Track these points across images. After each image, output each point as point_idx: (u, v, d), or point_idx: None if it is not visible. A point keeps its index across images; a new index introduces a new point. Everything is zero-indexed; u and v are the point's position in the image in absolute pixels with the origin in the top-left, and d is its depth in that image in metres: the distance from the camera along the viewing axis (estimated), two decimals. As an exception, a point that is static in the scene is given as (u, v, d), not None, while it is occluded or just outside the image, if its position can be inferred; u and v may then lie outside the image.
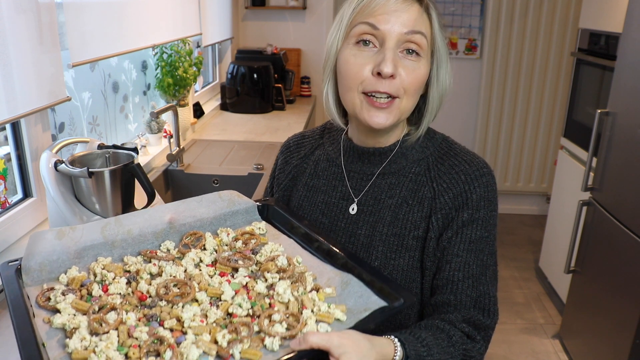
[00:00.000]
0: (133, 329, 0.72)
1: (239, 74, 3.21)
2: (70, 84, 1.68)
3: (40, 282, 0.83)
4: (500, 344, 2.69)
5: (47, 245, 0.85)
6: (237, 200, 1.03)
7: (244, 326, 0.74)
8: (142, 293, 0.81)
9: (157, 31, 2.18)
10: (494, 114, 3.96)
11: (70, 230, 0.88)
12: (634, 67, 2.08)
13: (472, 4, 3.76)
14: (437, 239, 0.90)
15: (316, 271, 0.88)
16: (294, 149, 1.11)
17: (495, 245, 0.92)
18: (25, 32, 1.30)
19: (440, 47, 0.89)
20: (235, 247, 0.95)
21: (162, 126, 2.34)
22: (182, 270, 0.87)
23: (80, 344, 0.69)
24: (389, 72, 0.83)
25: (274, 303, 0.80)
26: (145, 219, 0.94)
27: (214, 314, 0.76)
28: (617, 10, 2.41)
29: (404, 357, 0.75)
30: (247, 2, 3.73)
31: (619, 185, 2.15)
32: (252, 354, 0.69)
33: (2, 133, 1.47)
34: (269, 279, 0.85)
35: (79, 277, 0.83)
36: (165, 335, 0.71)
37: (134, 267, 0.87)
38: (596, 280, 2.35)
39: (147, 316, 0.76)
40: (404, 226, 0.92)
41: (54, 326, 0.74)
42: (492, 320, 0.88)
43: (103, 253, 0.90)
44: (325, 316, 0.76)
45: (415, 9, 0.86)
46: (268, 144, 2.60)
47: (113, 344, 0.69)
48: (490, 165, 0.94)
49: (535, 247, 3.63)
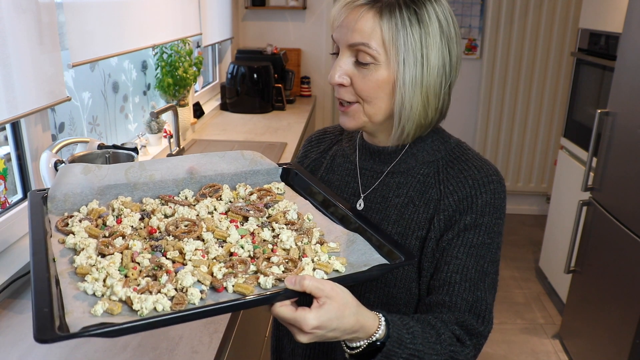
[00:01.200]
0: (137, 254, 0.77)
1: (239, 74, 3.21)
2: (70, 84, 1.68)
3: (63, 211, 0.90)
4: (500, 344, 2.69)
5: (74, 178, 0.91)
6: (259, 160, 1.06)
7: (241, 263, 0.77)
8: (152, 227, 0.86)
9: (157, 31, 2.18)
10: (494, 114, 3.96)
11: (97, 168, 0.94)
12: (634, 67, 2.08)
13: (472, 4, 3.76)
14: (437, 240, 0.90)
15: (325, 229, 0.90)
16: (315, 143, 1.14)
17: (498, 254, 0.91)
18: (25, 32, 1.30)
19: (401, 47, 0.84)
20: (250, 200, 0.97)
21: (162, 126, 2.34)
22: (195, 214, 0.91)
23: (86, 261, 0.75)
24: (332, 81, 0.89)
25: (276, 249, 0.82)
26: (168, 167, 0.99)
27: (216, 251, 0.79)
28: (617, 10, 2.41)
29: (385, 337, 0.75)
30: (247, 2, 3.73)
31: (619, 185, 2.15)
32: (244, 288, 0.71)
33: (2, 133, 1.47)
34: (276, 229, 0.87)
35: (98, 210, 0.89)
36: (166, 263, 0.76)
37: (150, 207, 0.92)
38: (596, 280, 2.35)
39: (152, 247, 0.80)
40: (408, 226, 0.92)
41: (67, 246, 0.80)
42: (486, 328, 0.86)
43: (124, 193, 0.95)
44: (324, 265, 0.78)
45: (359, 16, 0.85)
46: (268, 144, 2.60)
47: (115, 263, 0.75)
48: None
49: (535, 247, 3.63)
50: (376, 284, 0.92)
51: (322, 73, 3.89)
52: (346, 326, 0.71)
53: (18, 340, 1.08)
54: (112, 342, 1.07)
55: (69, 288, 0.69)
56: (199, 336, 1.11)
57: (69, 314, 0.64)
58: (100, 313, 0.65)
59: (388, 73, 0.86)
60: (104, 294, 0.69)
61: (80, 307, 0.66)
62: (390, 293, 0.92)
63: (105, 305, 0.66)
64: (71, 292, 0.69)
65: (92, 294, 0.69)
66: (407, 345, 0.77)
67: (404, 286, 0.91)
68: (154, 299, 0.67)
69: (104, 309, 0.66)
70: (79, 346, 1.06)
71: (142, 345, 1.07)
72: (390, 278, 0.91)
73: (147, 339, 1.09)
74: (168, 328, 1.12)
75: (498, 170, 0.92)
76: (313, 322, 0.68)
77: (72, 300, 0.67)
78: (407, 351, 0.77)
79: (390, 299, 0.91)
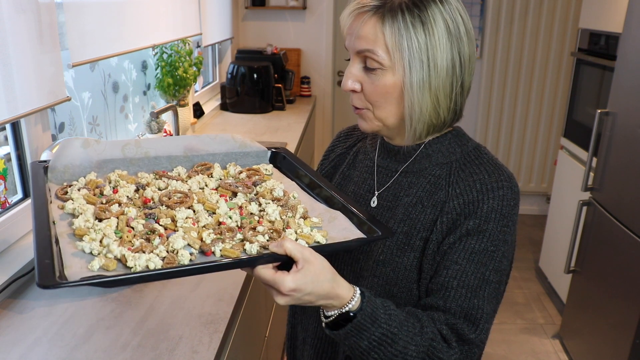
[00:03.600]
0: (131, 219, 0.83)
1: (239, 74, 3.21)
2: (70, 84, 1.68)
3: (62, 181, 0.95)
4: (500, 344, 2.69)
5: (74, 151, 0.97)
6: (249, 143, 1.11)
7: (229, 231, 0.82)
8: (146, 198, 0.91)
9: (157, 31, 2.18)
10: (494, 114, 3.96)
11: (95, 142, 0.99)
12: (634, 67, 2.08)
13: (472, 4, 3.76)
14: (438, 243, 0.89)
15: (309, 207, 0.94)
16: (343, 138, 1.16)
17: (503, 263, 0.88)
18: (25, 32, 1.30)
19: (405, 52, 0.84)
20: (239, 178, 1.03)
21: (162, 126, 2.34)
22: (187, 188, 0.96)
23: (84, 224, 0.80)
24: (344, 87, 0.91)
25: (262, 221, 0.87)
26: (162, 145, 1.05)
27: (205, 219, 0.85)
28: (617, 10, 2.41)
29: (358, 309, 0.77)
30: (247, 2, 3.73)
31: (619, 185, 2.15)
32: (231, 252, 0.77)
33: (2, 133, 1.47)
34: (263, 204, 0.92)
35: (96, 181, 0.94)
36: (158, 228, 0.82)
37: (145, 180, 0.98)
38: (596, 280, 2.35)
39: (146, 214, 0.86)
40: (414, 226, 0.91)
41: (66, 211, 0.85)
42: (478, 336, 0.84)
43: (121, 167, 1.00)
44: (306, 237, 0.83)
45: (362, 22, 0.86)
46: (268, 144, 2.60)
47: (111, 226, 0.80)
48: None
49: (535, 247, 3.63)
50: (377, 282, 0.92)
51: (322, 73, 3.89)
52: (320, 291, 0.75)
53: (18, 340, 1.08)
54: (111, 342, 1.07)
55: (68, 247, 0.75)
56: (199, 336, 1.11)
57: (68, 268, 0.70)
58: (97, 268, 0.71)
59: (395, 78, 0.86)
60: (100, 252, 0.75)
61: (78, 262, 0.72)
62: (391, 292, 0.92)
63: (102, 261, 0.71)
64: (70, 250, 0.75)
65: (89, 252, 0.75)
66: (380, 324, 0.77)
67: (405, 286, 0.91)
68: (147, 257, 0.73)
69: (100, 264, 0.71)
70: (79, 346, 1.06)
71: (142, 345, 1.07)
72: (392, 277, 0.91)
73: (147, 339, 1.09)
74: (168, 328, 1.12)
75: (512, 177, 0.90)
76: (290, 284, 0.72)
77: (71, 257, 0.73)
78: (380, 329, 0.77)
79: (390, 298, 0.91)
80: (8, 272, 1.26)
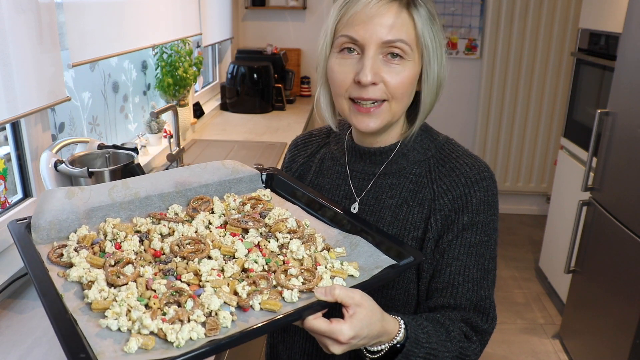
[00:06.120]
0: (151, 281, 0.74)
1: (239, 74, 3.21)
2: (70, 84, 1.68)
3: (50, 240, 0.84)
4: (500, 344, 2.69)
5: (57, 203, 0.86)
6: (240, 169, 1.06)
7: (262, 279, 0.76)
8: (155, 250, 0.82)
9: (157, 31, 2.18)
10: (494, 114, 3.96)
11: (79, 190, 0.90)
12: (634, 67, 2.08)
13: (472, 4, 3.76)
14: (435, 241, 0.90)
15: (324, 234, 0.90)
16: (301, 147, 1.12)
17: (495, 250, 0.92)
18: (25, 32, 1.30)
19: (429, 44, 0.87)
20: (244, 210, 0.97)
21: (162, 126, 2.34)
22: (193, 230, 0.89)
23: (100, 294, 0.70)
24: (367, 81, 0.85)
25: (288, 260, 0.82)
26: (152, 183, 0.97)
27: (231, 269, 0.78)
28: (617, 10, 2.41)
29: (405, 338, 0.77)
30: (247, 2, 3.73)
31: (619, 185, 2.15)
32: (273, 305, 0.71)
33: (2, 133, 1.47)
34: (280, 239, 0.87)
35: (90, 236, 0.84)
36: (184, 287, 0.73)
37: (145, 227, 0.89)
38: (596, 280, 2.35)
39: (163, 271, 0.77)
40: (404, 227, 0.92)
41: (70, 279, 0.75)
42: (490, 325, 0.88)
43: (111, 214, 0.91)
44: (339, 272, 0.79)
45: (393, 12, 0.84)
46: (268, 144, 2.60)
47: (133, 294, 0.70)
48: (490, 165, 0.95)
49: (535, 247, 3.63)
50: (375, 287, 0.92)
51: (322, 73, 3.88)
52: (374, 333, 0.73)
53: (18, 340, 1.08)
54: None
55: (89, 326, 0.65)
56: (199, 336, 1.10)
57: (100, 355, 0.60)
58: (135, 350, 0.62)
59: (417, 68, 0.88)
60: (130, 328, 0.66)
61: (108, 345, 0.63)
62: (388, 295, 0.92)
63: (140, 340, 0.63)
64: (92, 330, 0.65)
65: (116, 330, 0.65)
66: (423, 345, 0.78)
67: (402, 288, 0.91)
68: (189, 328, 0.65)
69: (138, 344, 0.62)
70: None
71: (142, 345, 1.07)
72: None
73: (147, 339, 1.08)
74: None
75: (488, 166, 0.93)
76: (349, 332, 0.69)
77: (97, 339, 0.63)
78: (423, 350, 0.78)
79: (388, 301, 0.91)
80: (8, 272, 1.26)
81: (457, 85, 3.91)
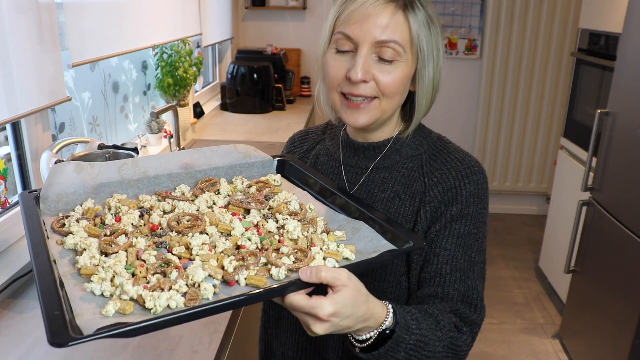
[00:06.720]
0: (142, 252, 0.75)
1: (239, 74, 3.21)
2: (70, 84, 1.68)
3: (57, 212, 0.87)
4: (500, 344, 2.69)
5: (66, 177, 0.88)
6: (253, 153, 1.05)
7: (252, 255, 0.76)
8: (153, 224, 0.83)
9: (157, 31, 2.18)
10: (494, 114, 3.96)
11: (89, 166, 0.91)
12: (634, 67, 2.08)
13: (472, 4, 3.76)
14: (424, 232, 0.91)
15: (328, 218, 0.89)
16: (297, 143, 1.14)
17: (484, 244, 0.93)
18: (25, 32, 1.30)
19: (424, 46, 0.88)
20: (249, 192, 0.96)
21: (162, 126, 2.35)
22: (195, 208, 0.89)
23: (90, 261, 0.72)
24: (357, 78, 0.87)
25: (283, 239, 0.81)
26: (161, 163, 0.97)
27: (223, 244, 0.78)
28: (617, 10, 2.41)
29: (394, 324, 0.76)
30: (247, 2, 3.73)
31: (619, 185, 2.15)
32: (257, 280, 0.70)
33: (3, 133, 1.47)
34: (280, 220, 0.86)
35: (94, 209, 0.86)
36: (174, 259, 0.74)
37: (148, 203, 0.90)
38: (596, 280, 2.35)
39: (156, 243, 0.78)
40: (396, 219, 0.93)
41: (67, 247, 0.77)
42: (479, 316, 0.88)
43: (119, 190, 0.92)
44: (334, 254, 0.77)
45: (388, 13, 0.85)
46: (268, 144, 2.60)
47: (121, 262, 0.72)
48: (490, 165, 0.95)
49: (535, 247, 3.63)
50: (366, 279, 0.92)
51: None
52: (359, 313, 0.71)
53: (18, 340, 1.08)
54: (112, 342, 1.07)
55: (75, 290, 0.67)
56: (199, 336, 1.11)
57: (79, 316, 0.62)
58: (112, 313, 0.63)
59: (409, 70, 0.89)
60: (112, 293, 0.67)
61: (89, 308, 0.64)
62: (380, 287, 0.92)
63: (117, 304, 0.64)
64: (77, 293, 0.67)
65: (100, 295, 0.67)
66: (413, 331, 0.78)
67: (394, 280, 0.92)
68: (167, 296, 0.65)
69: (115, 308, 0.64)
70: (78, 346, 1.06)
71: (142, 345, 1.07)
72: (380, 272, 0.92)
73: (147, 339, 1.09)
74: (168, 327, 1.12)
75: (479, 162, 0.95)
76: (329, 308, 0.67)
77: (80, 302, 0.65)
78: (414, 337, 0.78)
79: (380, 294, 0.91)
80: (8, 272, 1.26)
81: (457, 85, 3.91)
